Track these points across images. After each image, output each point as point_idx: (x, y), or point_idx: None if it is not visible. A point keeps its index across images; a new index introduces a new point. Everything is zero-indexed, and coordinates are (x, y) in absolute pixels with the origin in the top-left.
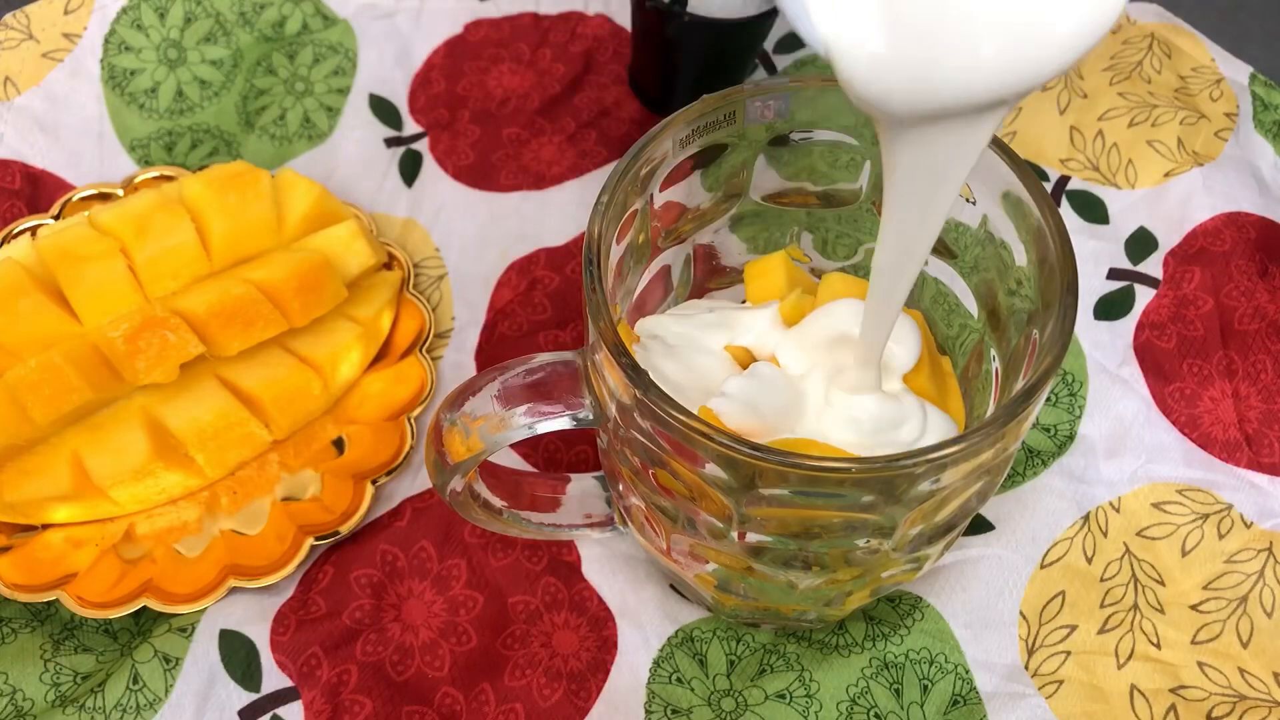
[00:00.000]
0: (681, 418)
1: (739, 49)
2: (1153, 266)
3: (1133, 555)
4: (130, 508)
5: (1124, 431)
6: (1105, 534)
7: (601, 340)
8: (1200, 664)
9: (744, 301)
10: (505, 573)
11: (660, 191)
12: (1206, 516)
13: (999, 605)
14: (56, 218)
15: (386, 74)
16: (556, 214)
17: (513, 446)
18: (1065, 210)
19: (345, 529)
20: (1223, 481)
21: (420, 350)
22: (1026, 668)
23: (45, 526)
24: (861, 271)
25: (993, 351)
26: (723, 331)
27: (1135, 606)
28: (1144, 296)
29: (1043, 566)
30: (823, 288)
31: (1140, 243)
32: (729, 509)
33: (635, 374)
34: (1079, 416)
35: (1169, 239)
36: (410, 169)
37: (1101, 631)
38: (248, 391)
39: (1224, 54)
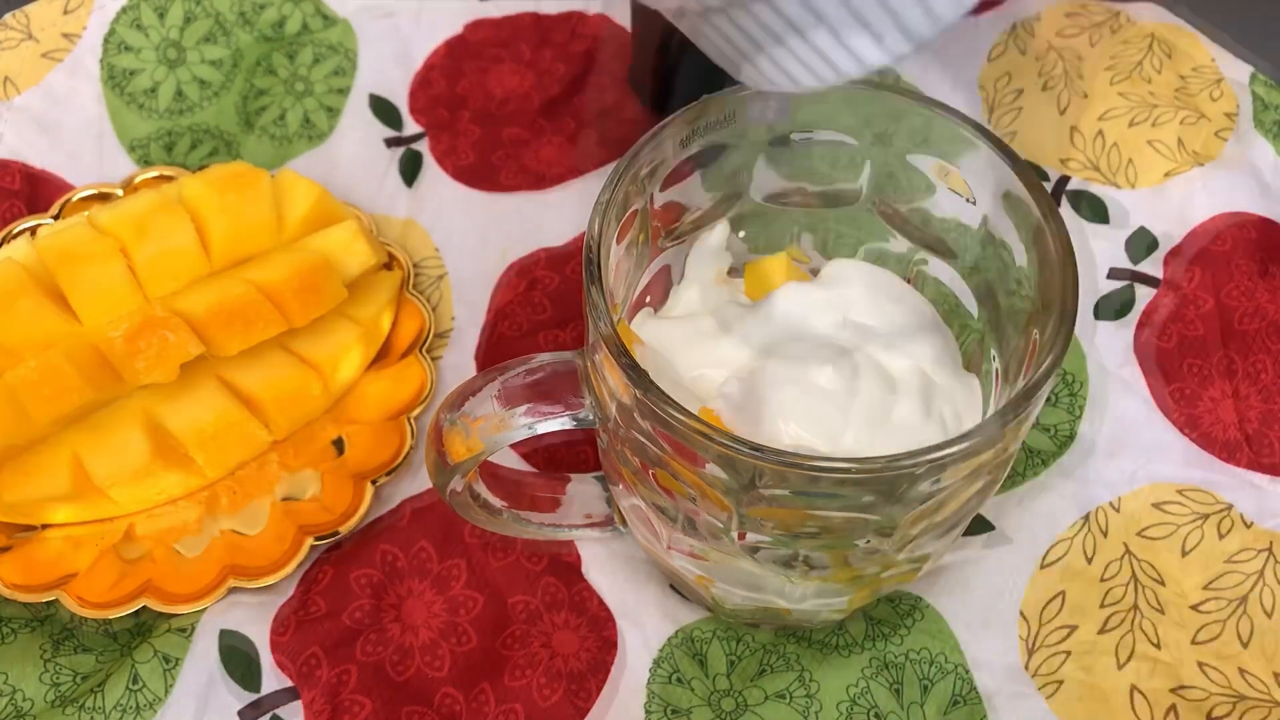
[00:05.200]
0: (681, 418)
1: None
2: (1153, 266)
3: (1133, 555)
4: (130, 508)
5: (1124, 431)
6: (1105, 534)
7: (601, 340)
8: (1200, 664)
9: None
10: (505, 573)
11: (660, 191)
12: (1206, 516)
13: (999, 605)
14: (56, 218)
15: (386, 74)
16: (556, 214)
17: (513, 446)
18: (1065, 210)
19: (345, 529)
20: (1223, 481)
21: (420, 350)
22: (1026, 668)
23: (45, 526)
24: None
25: (993, 351)
26: (719, 335)
27: (1135, 606)
28: (1144, 296)
29: (1043, 566)
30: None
31: (1140, 243)
32: (729, 509)
33: (635, 374)
34: (1079, 416)
35: (1169, 239)
36: (410, 169)
37: (1101, 631)
38: (248, 392)
39: (1224, 54)
